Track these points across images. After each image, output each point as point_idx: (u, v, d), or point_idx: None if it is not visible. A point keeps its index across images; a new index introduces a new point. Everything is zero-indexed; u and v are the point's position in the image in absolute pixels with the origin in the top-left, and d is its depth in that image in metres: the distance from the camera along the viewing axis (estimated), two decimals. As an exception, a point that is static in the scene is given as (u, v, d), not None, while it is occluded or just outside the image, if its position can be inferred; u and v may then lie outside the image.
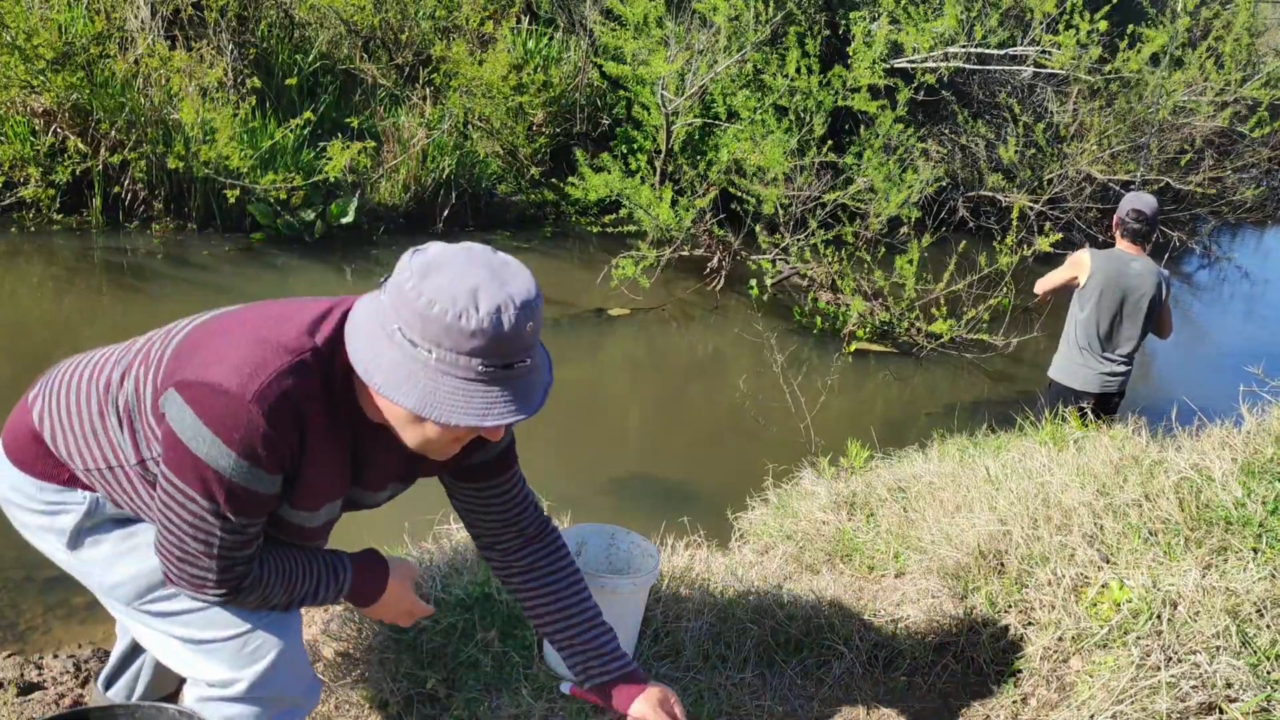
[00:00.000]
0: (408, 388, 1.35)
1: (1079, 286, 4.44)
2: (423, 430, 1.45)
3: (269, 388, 1.41)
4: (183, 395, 1.42)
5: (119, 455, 1.59)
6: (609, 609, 2.21)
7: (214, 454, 1.41)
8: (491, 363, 1.35)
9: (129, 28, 7.55)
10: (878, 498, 3.34)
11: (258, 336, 1.46)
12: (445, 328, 1.32)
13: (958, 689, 2.35)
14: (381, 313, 1.38)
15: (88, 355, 1.72)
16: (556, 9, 9.49)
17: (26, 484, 1.66)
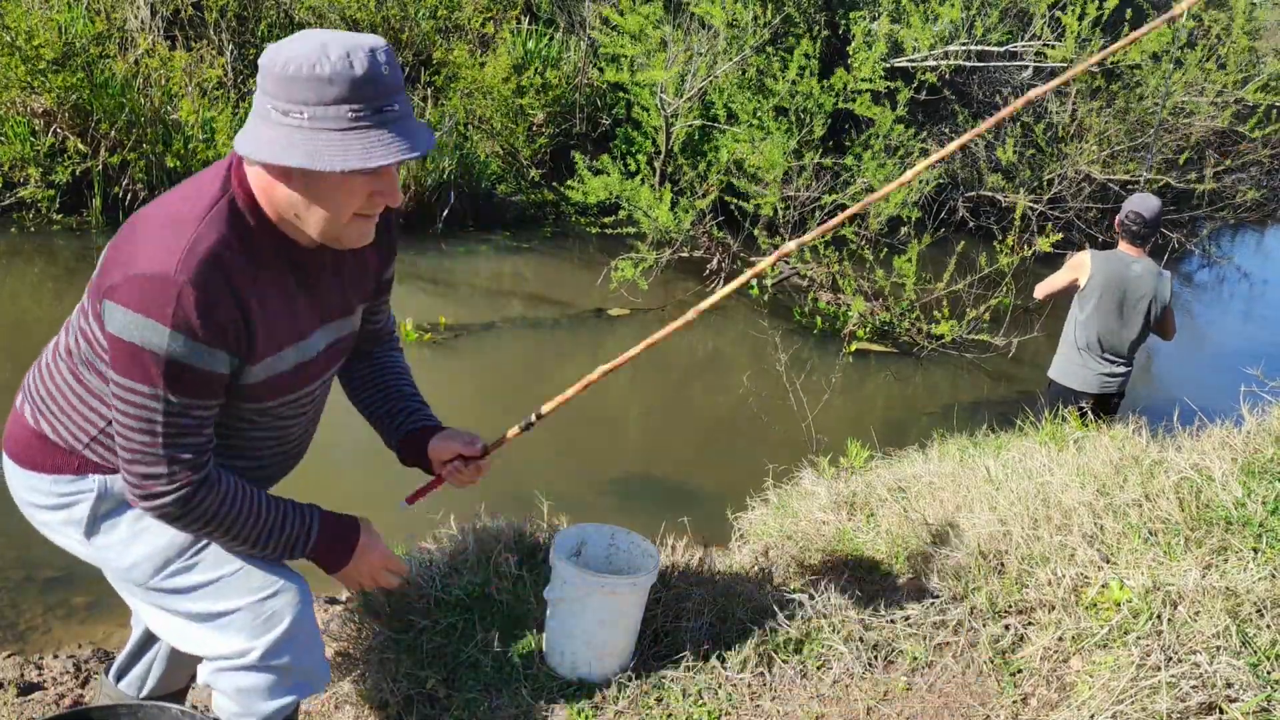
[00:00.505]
0: (292, 151, 1.39)
1: (1079, 288, 4.44)
2: (331, 211, 1.47)
3: (189, 255, 1.43)
4: (113, 299, 1.44)
5: (106, 407, 1.59)
6: (609, 609, 2.21)
7: (149, 336, 1.42)
8: (360, 108, 1.39)
9: (129, 28, 7.55)
10: (878, 498, 3.34)
11: (169, 215, 1.48)
12: (304, 82, 1.37)
13: (958, 689, 2.35)
14: (257, 107, 1.43)
15: (47, 346, 1.76)
16: (556, 9, 9.49)
17: (41, 482, 1.68)
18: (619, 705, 2.23)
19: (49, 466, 1.67)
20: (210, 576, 1.67)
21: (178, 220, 1.46)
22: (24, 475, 1.70)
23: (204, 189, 1.50)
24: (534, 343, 6.29)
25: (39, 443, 1.68)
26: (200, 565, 1.68)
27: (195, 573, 1.68)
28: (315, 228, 1.50)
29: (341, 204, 1.47)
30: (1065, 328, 4.59)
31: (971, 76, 9.06)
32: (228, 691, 1.71)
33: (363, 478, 4.55)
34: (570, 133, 8.74)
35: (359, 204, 1.49)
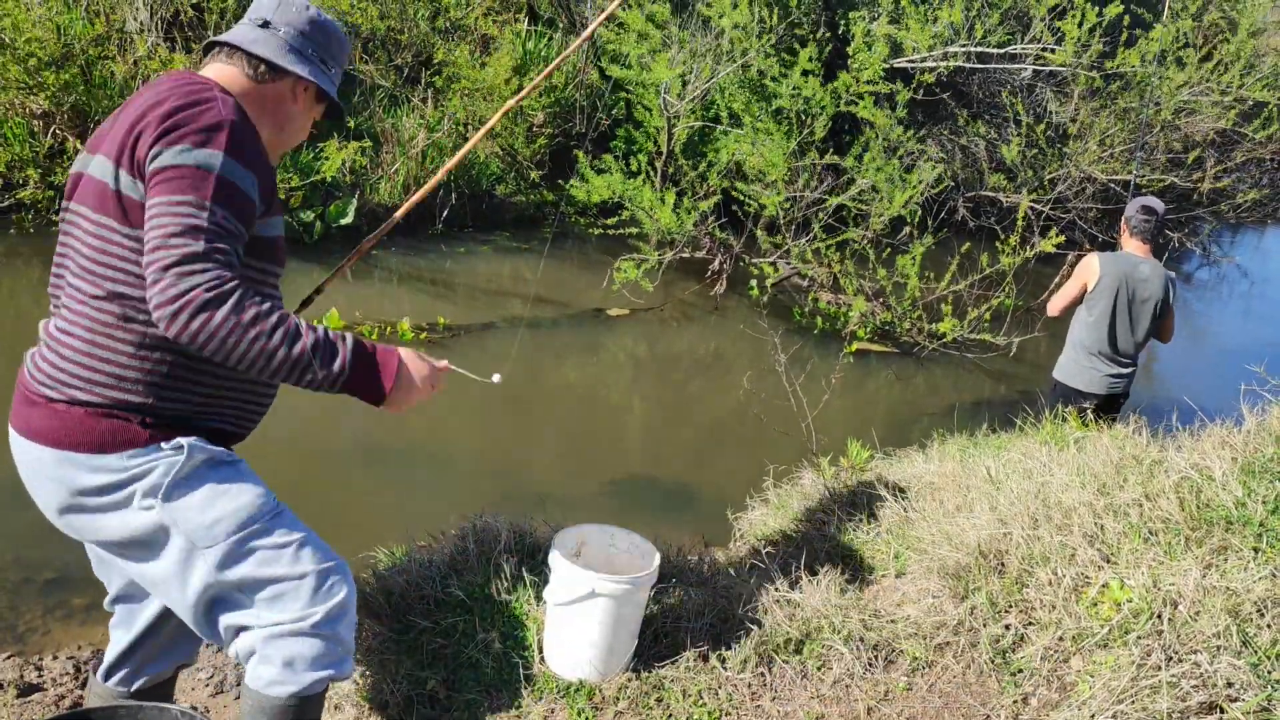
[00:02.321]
0: (328, 84, 1.93)
1: (1089, 290, 4.42)
2: (303, 129, 1.96)
3: (227, 106, 1.69)
4: (173, 140, 1.62)
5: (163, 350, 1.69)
6: (609, 609, 2.21)
7: (206, 159, 1.62)
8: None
9: (128, 29, 7.55)
10: (878, 498, 3.34)
11: (190, 90, 1.70)
12: (342, 46, 2.00)
13: (958, 689, 2.35)
14: (301, 49, 1.88)
15: (53, 338, 1.77)
16: (557, 9, 9.49)
17: (110, 462, 1.69)
18: (619, 705, 2.23)
19: (120, 443, 1.69)
20: (285, 540, 1.75)
21: (203, 90, 1.70)
22: (87, 460, 1.70)
23: (205, 84, 1.73)
24: (533, 343, 6.29)
25: (104, 422, 1.69)
26: (277, 530, 1.76)
27: (273, 535, 1.75)
28: (290, 140, 1.95)
29: (307, 127, 1.97)
30: (1072, 328, 4.57)
31: (972, 77, 9.05)
32: (274, 659, 1.74)
33: (364, 476, 4.55)
34: (570, 133, 8.75)
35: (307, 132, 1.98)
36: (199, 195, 1.59)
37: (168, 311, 1.55)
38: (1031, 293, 7.46)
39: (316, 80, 1.88)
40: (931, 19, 7.61)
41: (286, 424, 5.08)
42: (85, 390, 1.69)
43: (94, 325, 1.69)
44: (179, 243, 1.56)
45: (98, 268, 1.68)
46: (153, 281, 1.56)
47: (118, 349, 1.68)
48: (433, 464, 4.21)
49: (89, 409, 1.69)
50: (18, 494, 4.14)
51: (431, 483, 3.84)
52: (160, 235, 1.57)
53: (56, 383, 1.71)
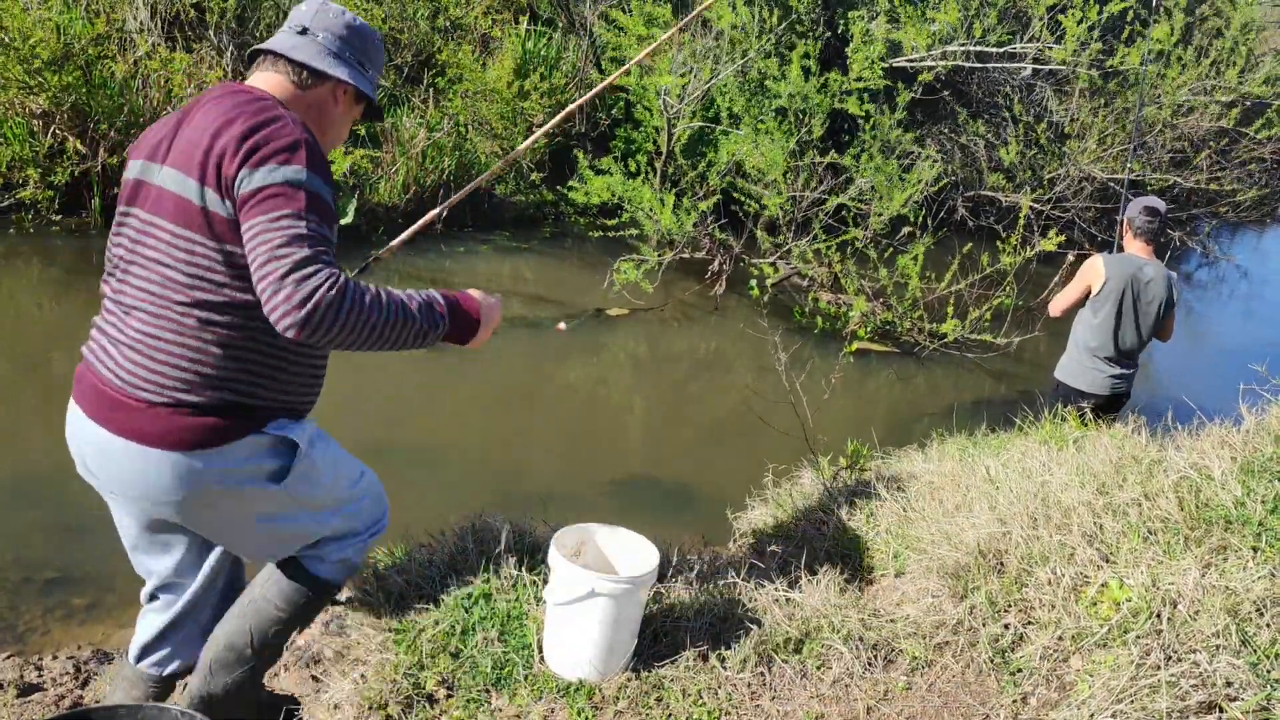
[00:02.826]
0: (368, 87, 2.06)
1: (1094, 293, 4.40)
2: (344, 131, 2.07)
3: (300, 127, 1.82)
4: (260, 161, 1.73)
5: (247, 315, 1.82)
6: (609, 609, 2.21)
7: (294, 176, 1.74)
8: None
9: (128, 29, 7.55)
10: (878, 497, 3.34)
11: (258, 108, 1.81)
12: (379, 50, 2.11)
13: (958, 689, 2.35)
14: (340, 53, 1.99)
15: (153, 339, 1.84)
16: (556, 9, 9.49)
17: (235, 450, 1.87)
18: (619, 705, 2.23)
19: (241, 431, 1.87)
20: (364, 468, 2.18)
21: (271, 108, 1.83)
22: (211, 455, 1.84)
23: (253, 97, 1.85)
24: (533, 343, 6.29)
25: (211, 420, 1.83)
26: (362, 493, 2.15)
27: (360, 500, 2.14)
28: (333, 141, 2.07)
29: (348, 127, 2.08)
30: (1074, 329, 4.56)
31: (971, 76, 9.06)
32: (333, 560, 2.11)
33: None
34: (570, 133, 8.75)
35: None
36: (294, 208, 1.71)
37: (297, 317, 1.66)
38: (1032, 292, 7.46)
39: (355, 82, 1.99)
40: (929, 20, 7.61)
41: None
42: (187, 391, 1.81)
43: (183, 329, 1.80)
44: (287, 252, 1.67)
45: (184, 277, 1.78)
46: (272, 293, 1.66)
47: (209, 350, 1.81)
48: (433, 464, 4.21)
49: (194, 409, 1.82)
50: (18, 494, 4.16)
51: (431, 483, 3.84)
52: (268, 249, 1.68)
53: (157, 386, 1.81)
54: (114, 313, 1.89)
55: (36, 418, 4.82)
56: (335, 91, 2.00)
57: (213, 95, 1.86)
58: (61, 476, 4.27)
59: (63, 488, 4.19)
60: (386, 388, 5.56)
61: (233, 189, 1.73)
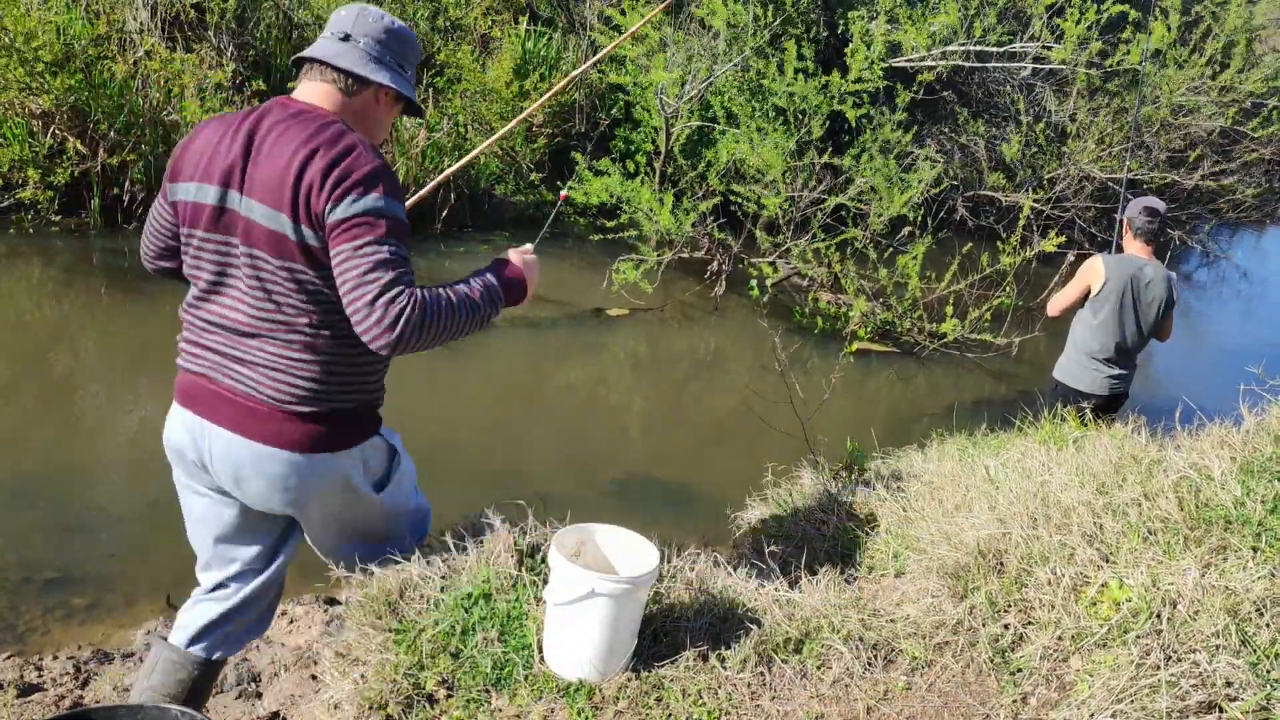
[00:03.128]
0: (407, 88, 2.16)
1: (1093, 294, 4.39)
2: (387, 115, 2.16)
3: (375, 152, 1.96)
4: (345, 192, 1.89)
5: (340, 326, 2.01)
6: (609, 609, 2.21)
7: (377, 204, 1.90)
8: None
9: (128, 29, 7.55)
10: (877, 497, 3.34)
11: (332, 137, 1.94)
12: (416, 49, 2.20)
13: (958, 689, 2.35)
14: (384, 60, 2.09)
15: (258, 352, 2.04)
16: (556, 9, 9.49)
17: (352, 454, 2.14)
18: (619, 705, 2.23)
19: (355, 437, 2.14)
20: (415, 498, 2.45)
21: (344, 135, 1.95)
22: (332, 459, 2.10)
23: (319, 122, 1.97)
24: (533, 343, 6.29)
25: (338, 424, 2.10)
26: (415, 494, 2.44)
27: (416, 499, 2.45)
28: (376, 140, 2.16)
29: (388, 126, 2.20)
30: (1073, 330, 4.55)
31: (971, 76, 9.06)
32: (406, 548, 2.41)
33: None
34: (569, 133, 8.74)
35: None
36: (376, 234, 1.89)
37: (390, 338, 1.89)
38: (1032, 292, 7.46)
39: (397, 86, 2.09)
40: (931, 14, 7.61)
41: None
42: (320, 400, 2.05)
43: (314, 347, 2.02)
44: (374, 277, 1.87)
45: (304, 303, 1.98)
46: (363, 316, 1.88)
47: (341, 363, 2.05)
48: (433, 464, 4.21)
49: (326, 416, 2.07)
50: (18, 494, 4.17)
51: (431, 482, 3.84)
52: (356, 276, 1.88)
53: (296, 398, 2.04)
54: (223, 334, 2.05)
55: (36, 418, 4.82)
56: (378, 95, 2.10)
57: (278, 119, 1.97)
58: (61, 476, 4.28)
59: (63, 488, 4.19)
60: (386, 388, 5.56)
61: (323, 220, 1.90)
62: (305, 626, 3.22)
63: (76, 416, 4.88)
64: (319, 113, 1.99)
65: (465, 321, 2.00)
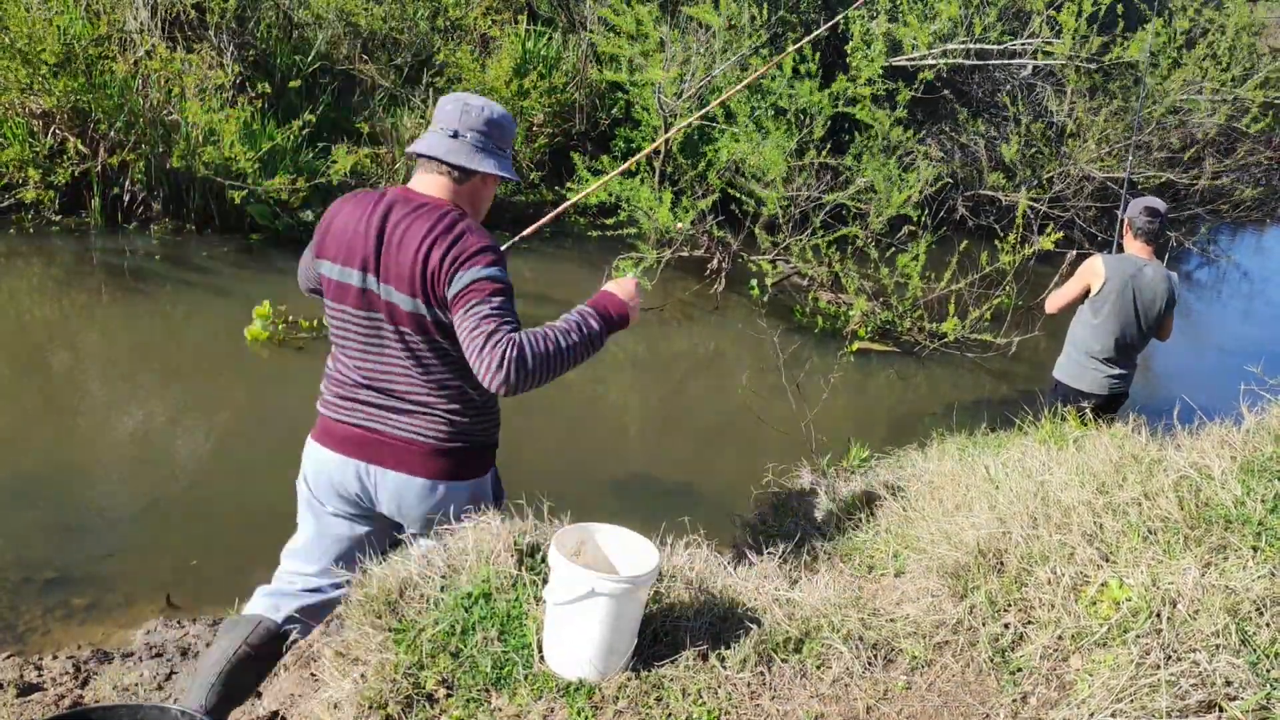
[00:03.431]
0: (509, 170, 2.49)
1: (1093, 293, 4.39)
2: (491, 192, 2.51)
3: (483, 230, 2.36)
4: (467, 263, 2.26)
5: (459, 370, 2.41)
6: (609, 609, 2.21)
7: (494, 272, 2.28)
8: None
9: (128, 29, 7.55)
10: (877, 497, 3.34)
11: (449, 222, 2.31)
12: (512, 133, 2.52)
13: (958, 689, 2.35)
14: (485, 148, 2.41)
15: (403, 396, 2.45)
16: (556, 8, 9.49)
17: (479, 485, 2.59)
18: (619, 705, 2.23)
19: (481, 469, 2.58)
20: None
21: (458, 220, 2.33)
22: (464, 489, 2.54)
23: (437, 214, 2.33)
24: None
25: (474, 457, 2.54)
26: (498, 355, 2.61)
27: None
28: (483, 214, 2.52)
29: (490, 199, 2.55)
30: (1073, 330, 4.54)
31: (971, 75, 9.05)
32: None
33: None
34: (569, 133, 8.74)
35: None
36: (484, 296, 2.24)
37: (500, 378, 2.20)
38: (1032, 291, 7.46)
39: (499, 172, 2.42)
40: (930, 16, 7.61)
41: (288, 424, 5.09)
42: (451, 440, 2.47)
43: (458, 397, 2.45)
44: (482, 330, 2.21)
45: (444, 365, 2.41)
46: (476, 363, 2.21)
47: (475, 407, 2.49)
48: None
49: (456, 451, 2.50)
50: (18, 494, 4.16)
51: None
52: (469, 332, 2.23)
53: (435, 438, 2.47)
54: (377, 392, 2.46)
55: (36, 418, 4.82)
56: (484, 179, 2.45)
57: (404, 213, 2.33)
58: (61, 477, 4.28)
59: (63, 488, 4.19)
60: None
61: (445, 300, 2.29)
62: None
63: (76, 416, 4.88)
64: (436, 203, 2.36)
65: (570, 352, 2.31)
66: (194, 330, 6.09)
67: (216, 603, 3.46)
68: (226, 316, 6.09)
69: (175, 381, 5.38)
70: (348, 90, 8.55)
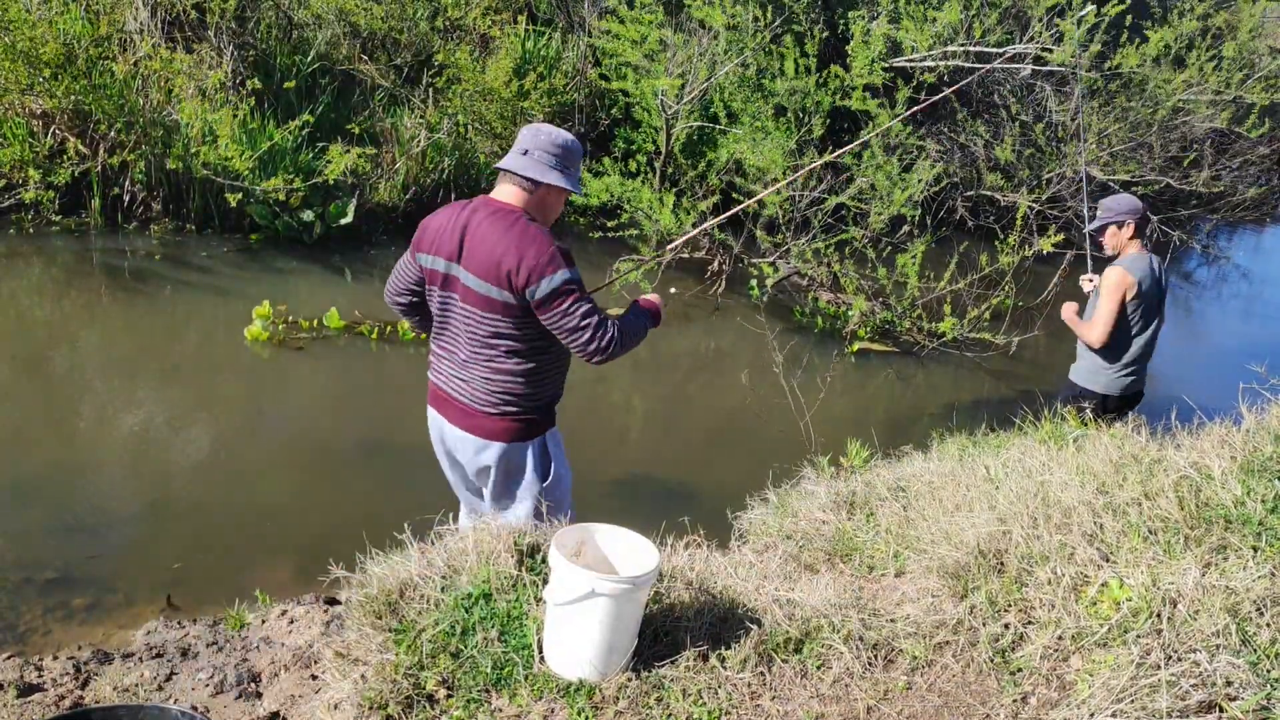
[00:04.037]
0: (576, 185, 2.94)
1: (1129, 302, 4.28)
2: (558, 201, 2.94)
3: (551, 238, 2.80)
4: (543, 271, 2.72)
5: (537, 348, 2.87)
6: (609, 609, 2.21)
7: (561, 279, 2.76)
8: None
9: (128, 29, 7.54)
10: (878, 497, 3.34)
11: (519, 232, 2.76)
12: (578, 156, 2.95)
13: (957, 689, 2.35)
14: (553, 165, 2.85)
15: (474, 368, 2.90)
16: (556, 9, 9.49)
17: (538, 445, 2.98)
18: (619, 705, 2.23)
19: (536, 432, 2.96)
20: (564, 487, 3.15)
21: (536, 233, 2.77)
22: (521, 449, 2.94)
23: (511, 218, 2.79)
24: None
25: (522, 424, 2.92)
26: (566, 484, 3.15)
27: (566, 477, 3.15)
28: (552, 219, 2.95)
29: (558, 208, 2.99)
30: (1108, 344, 4.44)
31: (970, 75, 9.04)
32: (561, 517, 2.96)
33: (364, 476, 4.54)
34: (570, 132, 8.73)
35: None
36: (572, 299, 2.76)
37: (603, 357, 2.80)
38: (1032, 291, 7.46)
39: (563, 184, 2.86)
40: (930, 19, 7.61)
41: (287, 424, 5.09)
42: (509, 405, 2.89)
43: (503, 369, 2.86)
44: (585, 324, 2.77)
45: (499, 342, 2.83)
46: (583, 348, 2.79)
47: (518, 379, 2.88)
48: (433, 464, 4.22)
49: (514, 416, 2.91)
50: (18, 494, 4.16)
51: (431, 482, 3.84)
52: (569, 330, 2.78)
53: (494, 404, 2.89)
54: (451, 361, 2.94)
55: (37, 418, 4.82)
56: (551, 189, 2.87)
57: (484, 216, 2.79)
58: (61, 477, 4.28)
59: (63, 488, 4.19)
60: (386, 389, 5.56)
61: (523, 294, 2.74)
62: (305, 626, 3.22)
63: (76, 417, 4.88)
64: (509, 208, 2.82)
65: (632, 342, 2.92)
66: (194, 330, 6.09)
67: (216, 603, 3.46)
68: (226, 316, 6.09)
69: (175, 382, 5.38)
70: (347, 90, 8.55)
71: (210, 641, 3.12)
